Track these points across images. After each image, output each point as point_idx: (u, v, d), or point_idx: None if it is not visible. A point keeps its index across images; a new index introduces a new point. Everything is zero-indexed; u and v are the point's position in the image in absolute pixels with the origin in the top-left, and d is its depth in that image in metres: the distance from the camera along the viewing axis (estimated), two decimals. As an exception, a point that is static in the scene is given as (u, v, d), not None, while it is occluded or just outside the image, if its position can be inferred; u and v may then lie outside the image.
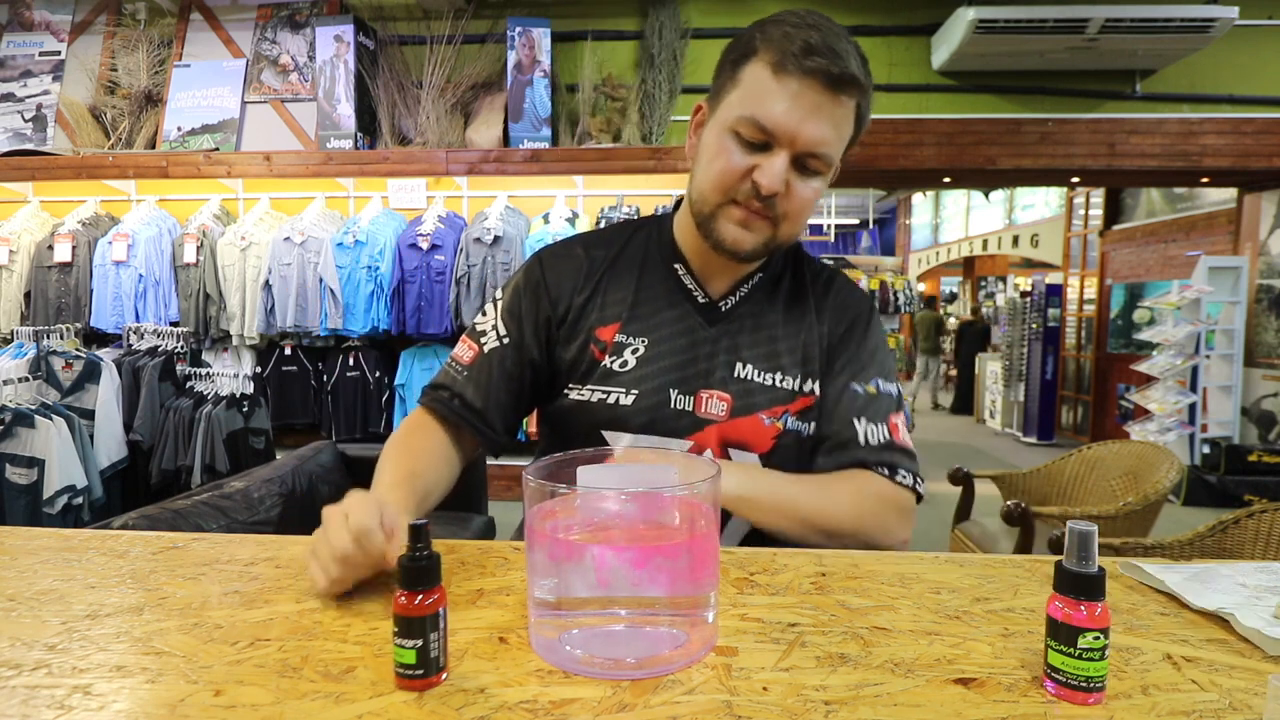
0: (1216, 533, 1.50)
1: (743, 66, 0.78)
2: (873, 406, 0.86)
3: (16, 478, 2.54)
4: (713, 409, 0.85)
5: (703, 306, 0.88)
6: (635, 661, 0.48)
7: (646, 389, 0.84)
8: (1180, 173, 4.37)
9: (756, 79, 0.76)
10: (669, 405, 0.85)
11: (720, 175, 0.79)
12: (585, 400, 0.86)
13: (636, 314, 0.87)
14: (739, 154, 0.78)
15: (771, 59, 0.75)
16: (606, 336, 0.87)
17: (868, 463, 0.84)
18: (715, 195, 0.80)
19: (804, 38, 0.73)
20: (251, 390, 3.12)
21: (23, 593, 0.61)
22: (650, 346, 0.86)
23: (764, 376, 0.86)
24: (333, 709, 0.44)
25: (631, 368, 0.85)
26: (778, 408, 0.86)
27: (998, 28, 3.62)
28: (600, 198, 4.03)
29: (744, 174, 0.78)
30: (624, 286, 0.89)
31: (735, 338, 0.87)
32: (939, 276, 14.36)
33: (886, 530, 0.81)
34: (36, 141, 4.25)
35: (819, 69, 0.73)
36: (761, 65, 0.76)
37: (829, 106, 0.75)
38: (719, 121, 0.80)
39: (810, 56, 0.73)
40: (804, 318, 0.90)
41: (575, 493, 0.55)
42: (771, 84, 0.75)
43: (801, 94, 0.74)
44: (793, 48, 0.73)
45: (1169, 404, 4.87)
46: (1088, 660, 0.44)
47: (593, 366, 0.86)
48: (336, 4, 4.20)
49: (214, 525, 1.69)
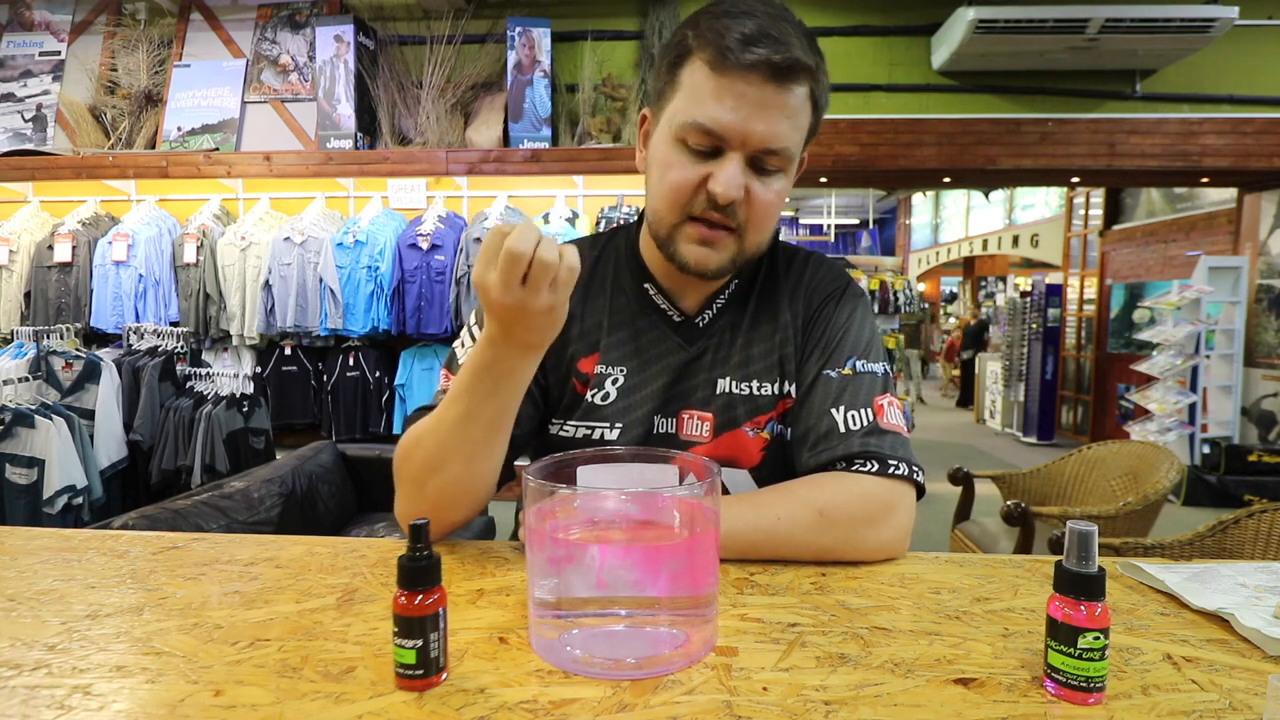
0: (1216, 533, 1.50)
1: (680, 68, 0.72)
2: (850, 390, 0.76)
3: (16, 478, 2.54)
4: (695, 430, 0.80)
5: (679, 325, 0.82)
6: (635, 662, 0.48)
7: (630, 420, 0.80)
8: (1180, 173, 4.37)
9: (696, 80, 0.70)
10: (652, 432, 0.81)
11: (672, 190, 0.72)
12: (570, 437, 0.82)
13: (613, 341, 0.82)
14: (689, 164, 0.71)
15: (708, 56, 0.68)
16: (587, 369, 0.82)
17: (850, 456, 0.73)
18: (670, 213, 0.74)
19: (739, 28, 0.67)
20: (251, 390, 3.12)
21: (23, 593, 0.61)
22: (630, 375, 0.81)
23: (741, 387, 0.81)
24: (333, 709, 0.44)
25: (613, 400, 0.80)
26: (760, 417, 0.80)
27: (998, 28, 3.62)
28: (600, 198, 4.03)
29: (697, 185, 0.71)
30: (597, 311, 0.84)
31: (715, 353, 0.82)
32: (939, 276, 14.37)
33: (856, 542, 0.70)
34: (36, 141, 4.25)
35: (761, 60, 0.66)
36: (699, 64, 0.70)
37: (778, 99, 0.68)
38: (664, 131, 0.74)
39: (748, 48, 0.66)
40: (778, 317, 0.83)
41: (575, 493, 0.55)
42: (711, 83, 0.69)
43: (745, 90, 0.68)
44: (729, 40, 0.67)
45: (1169, 404, 4.87)
46: (1088, 660, 0.44)
47: (575, 401, 0.82)
48: (336, 4, 4.20)
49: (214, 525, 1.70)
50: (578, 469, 0.57)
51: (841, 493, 0.71)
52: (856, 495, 0.71)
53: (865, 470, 0.73)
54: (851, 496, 0.71)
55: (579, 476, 0.56)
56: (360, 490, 2.63)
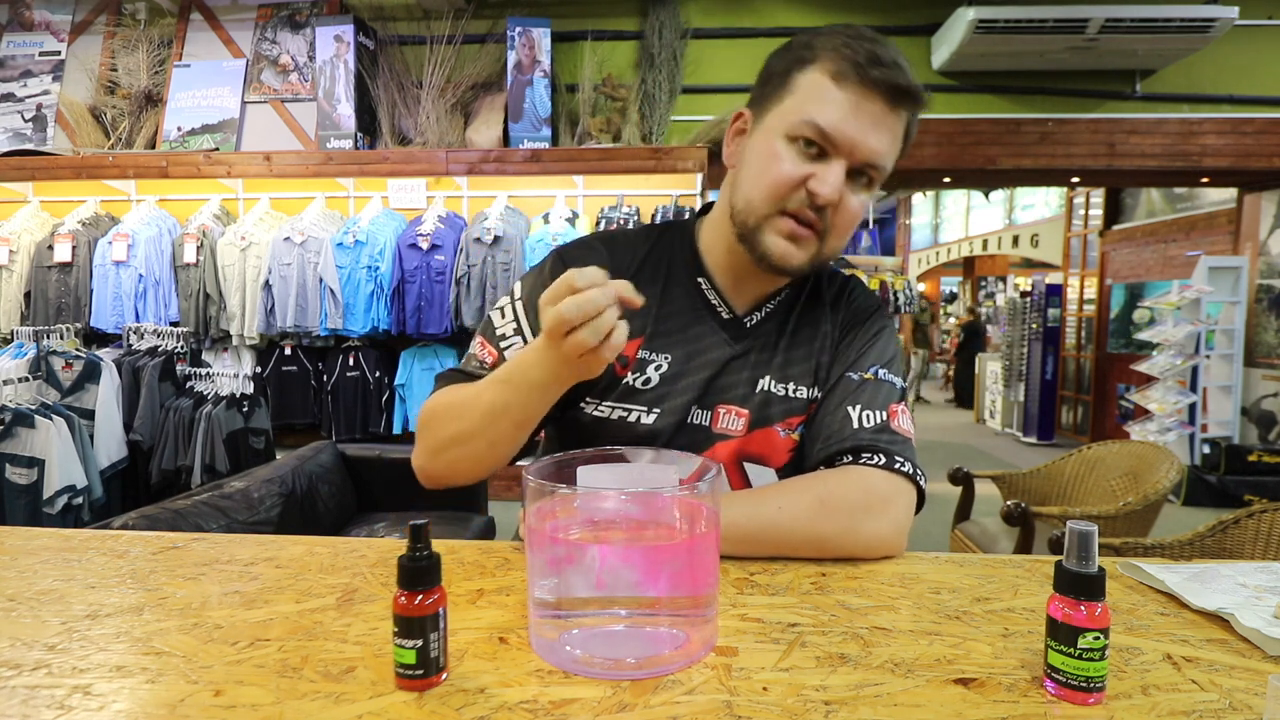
0: (1216, 533, 1.50)
1: (797, 73, 0.75)
2: (869, 392, 0.80)
3: (16, 478, 2.54)
4: (730, 424, 0.83)
5: (728, 323, 0.85)
6: (635, 662, 0.48)
7: (668, 407, 0.82)
8: (1180, 173, 4.37)
9: (816, 85, 0.74)
10: (687, 422, 0.82)
11: (774, 183, 0.75)
12: (604, 417, 0.83)
13: (660, 329, 0.84)
14: (794, 161, 0.74)
15: (832, 67, 0.73)
16: (629, 351, 0.82)
17: (860, 448, 0.76)
18: (765, 205, 0.76)
19: (868, 48, 0.72)
20: (251, 390, 3.12)
21: (23, 593, 0.61)
22: (674, 363, 0.83)
23: (779, 388, 0.84)
24: (333, 709, 0.44)
25: (654, 385, 0.82)
26: (793, 419, 0.83)
27: (998, 28, 3.62)
28: (600, 198, 4.03)
29: (799, 182, 0.74)
30: (648, 298, 0.85)
31: (760, 354, 0.85)
32: (939, 276, 14.37)
33: (854, 532, 0.71)
34: (36, 141, 4.25)
35: (884, 79, 0.72)
36: (820, 73, 0.74)
37: (889, 119, 0.74)
38: (769, 128, 0.76)
39: (876, 67, 0.71)
40: (819, 326, 0.87)
41: (575, 493, 0.55)
42: (833, 91, 0.73)
43: (863, 104, 0.72)
44: (858, 57, 0.72)
45: (1169, 404, 4.87)
46: (1088, 660, 0.44)
47: (614, 382, 0.82)
48: (336, 4, 4.20)
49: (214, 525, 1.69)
50: (578, 469, 0.57)
51: (843, 483, 0.74)
52: (857, 485, 0.73)
53: (871, 463, 0.75)
54: (852, 486, 0.73)
55: (579, 476, 0.56)
56: (360, 490, 2.63)
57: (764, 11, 4.22)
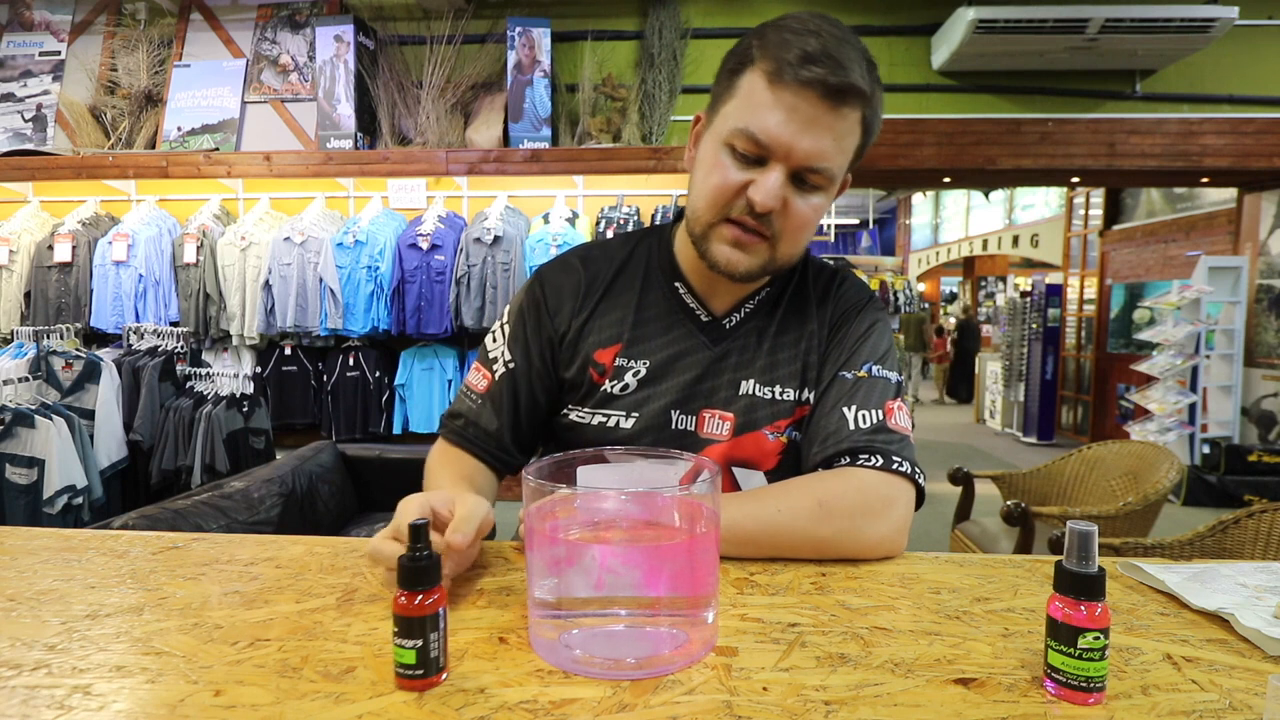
0: (1216, 533, 1.50)
1: (739, 75, 0.74)
2: (864, 391, 0.79)
3: (16, 478, 2.54)
4: (715, 429, 0.82)
5: (706, 325, 0.85)
6: (635, 662, 0.48)
7: (647, 411, 0.82)
8: (1180, 173, 4.37)
9: (752, 89, 0.72)
10: (670, 427, 0.82)
11: (714, 191, 0.75)
12: (584, 423, 0.84)
13: (637, 335, 0.84)
14: (733, 169, 0.74)
15: (767, 68, 0.71)
16: (605, 360, 0.84)
17: (856, 450, 0.75)
18: (708, 212, 0.77)
19: (802, 45, 0.69)
20: (251, 390, 3.12)
21: (23, 593, 0.61)
22: (652, 369, 0.83)
23: (765, 391, 0.83)
24: (333, 709, 0.44)
25: (632, 390, 0.83)
26: (780, 421, 0.83)
27: (998, 28, 3.62)
28: (600, 198, 4.02)
29: (738, 190, 0.74)
30: (623, 306, 0.86)
31: (740, 355, 0.84)
32: (939, 276, 14.38)
33: (854, 534, 0.70)
34: (36, 141, 4.25)
35: (815, 79, 0.69)
36: (758, 74, 0.72)
37: (828, 118, 0.71)
38: (715, 133, 0.76)
39: (807, 65, 0.68)
40: (805, 325, 0.86)
41: (575, 493, 0.55)
42: (766, 94, 0.71)
43: (797, 105, 0.70)
44: (789, 56, 0.69)
45: (1169, 404, 4.87)
46: (1088, 660, 0.44)
47: (592, 389, 0.84)
48: (336, 4, 4.20)
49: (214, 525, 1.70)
50: (578, 469, 0.57)
51: (842, 485, 0.72)
52: (857, 488, 0.72)
53: (869, 465, 0.74)
54: (852, 489, 0.72)
55: (579, 476, 0.56)
56: (360, 490, 2.63)
57: (764, 11, 4.22)
